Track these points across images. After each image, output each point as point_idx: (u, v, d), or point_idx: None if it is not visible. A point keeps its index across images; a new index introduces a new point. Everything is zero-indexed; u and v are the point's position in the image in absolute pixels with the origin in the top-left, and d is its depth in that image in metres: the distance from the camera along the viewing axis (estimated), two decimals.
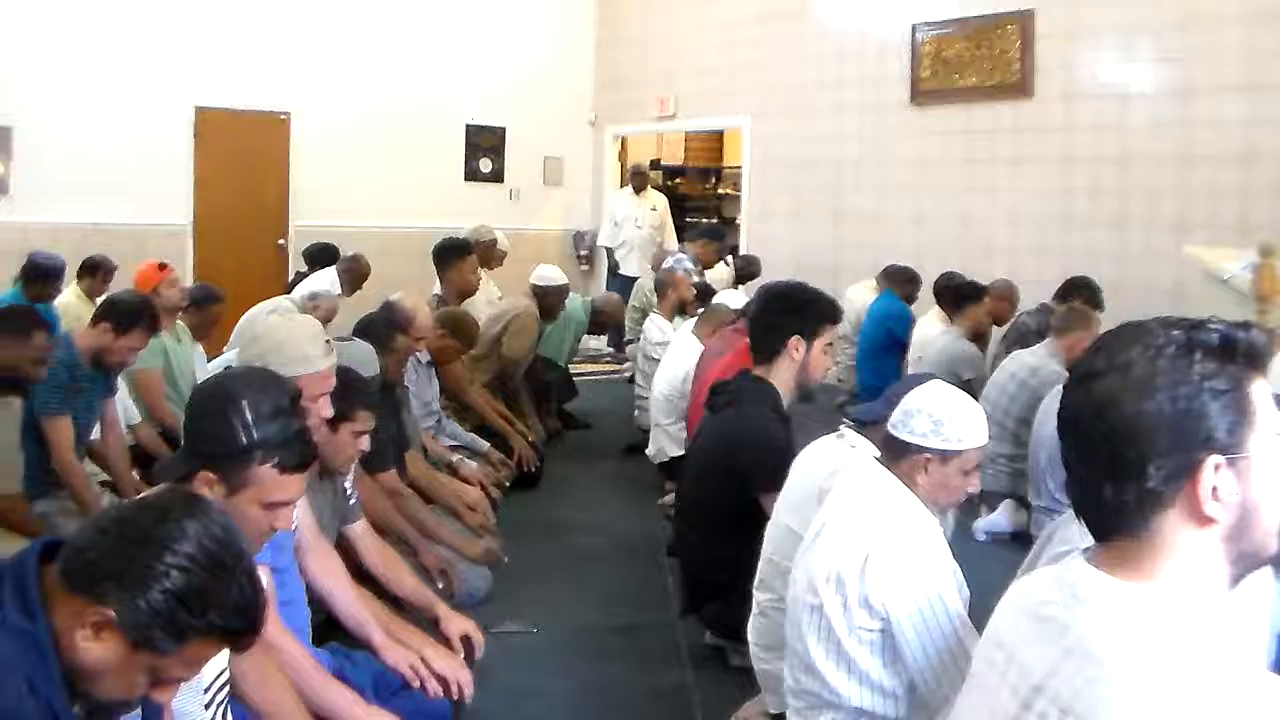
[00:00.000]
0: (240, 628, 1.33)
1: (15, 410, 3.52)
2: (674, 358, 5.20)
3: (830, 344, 3.34)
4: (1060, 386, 4.70)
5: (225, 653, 1.52)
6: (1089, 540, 1.54)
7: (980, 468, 2.27)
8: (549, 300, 6.05)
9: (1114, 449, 1.11)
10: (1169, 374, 1.09)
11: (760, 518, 2.88)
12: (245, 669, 1.82)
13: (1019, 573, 1.79)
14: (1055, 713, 1.07)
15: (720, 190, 12.68)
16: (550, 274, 6.14)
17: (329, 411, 2.57)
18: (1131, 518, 1.11)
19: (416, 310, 4.20)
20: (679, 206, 11.48)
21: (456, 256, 5.82)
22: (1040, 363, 4.74)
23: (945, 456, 2.16)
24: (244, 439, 1.80)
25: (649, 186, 9.97)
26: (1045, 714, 1.08)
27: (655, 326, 6.11)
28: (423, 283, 6.07)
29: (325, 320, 5.14)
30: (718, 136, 12.62)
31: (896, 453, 2.21)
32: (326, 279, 6.79)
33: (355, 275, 6.87)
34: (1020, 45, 7.45)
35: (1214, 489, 1.08)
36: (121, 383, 4.26)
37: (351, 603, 2.54)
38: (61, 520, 3.73)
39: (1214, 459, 1.08)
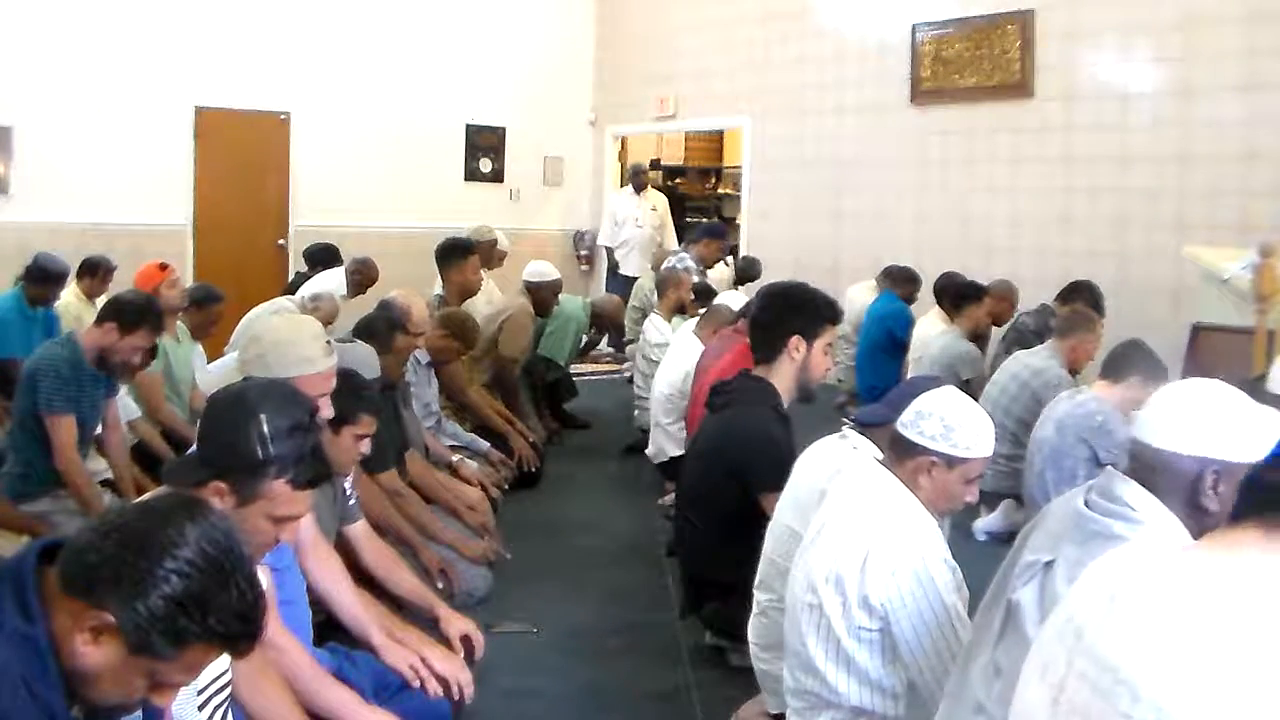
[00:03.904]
0: (239, 633, 1.32)
1: None
2: (674, 358, 5.20)
3: (830, 344, 3.34)
4: (1065, 390, 4.70)
5: (226, 655, 1.52)
6: (1056, 549, 1.52)
7: (980, 476, 2.28)
8: (542, 295, 6.08)
9: None
10: None
11: (760, 518, 2.88)
12: (239, 675, 1.82)
13: (997, 576, 1.79)
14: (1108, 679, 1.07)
15: (720, 190, 12.68)
16: (542, 269, 6.17)
17: (330, 413, 2.57)
18: None
19: (411, 305, 4.20)
20: (679, 206, 11.48)
21: (459, 257, 5.82)
22: (1044, 365, 4.74)
23: (951, 462, 2.17)
24: (260, 453, 1.81)
25: (649, 186, 9.97)
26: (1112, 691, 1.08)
27: (654, 327, 6.11)
28: (423, 283, 6.06)
29: (325, 322, 5.14)
30: (718, 136, 12.62)
31: (903, 452, 2.21)
32: (334, 280, 6.79)
33: (363, 279, 6.88)
34: (1020, 45, 7.44)
35: None
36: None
37: (351, 603, 2.54)
38: (62, 519, 3.74)
39: None
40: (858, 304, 7.08)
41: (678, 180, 12.68)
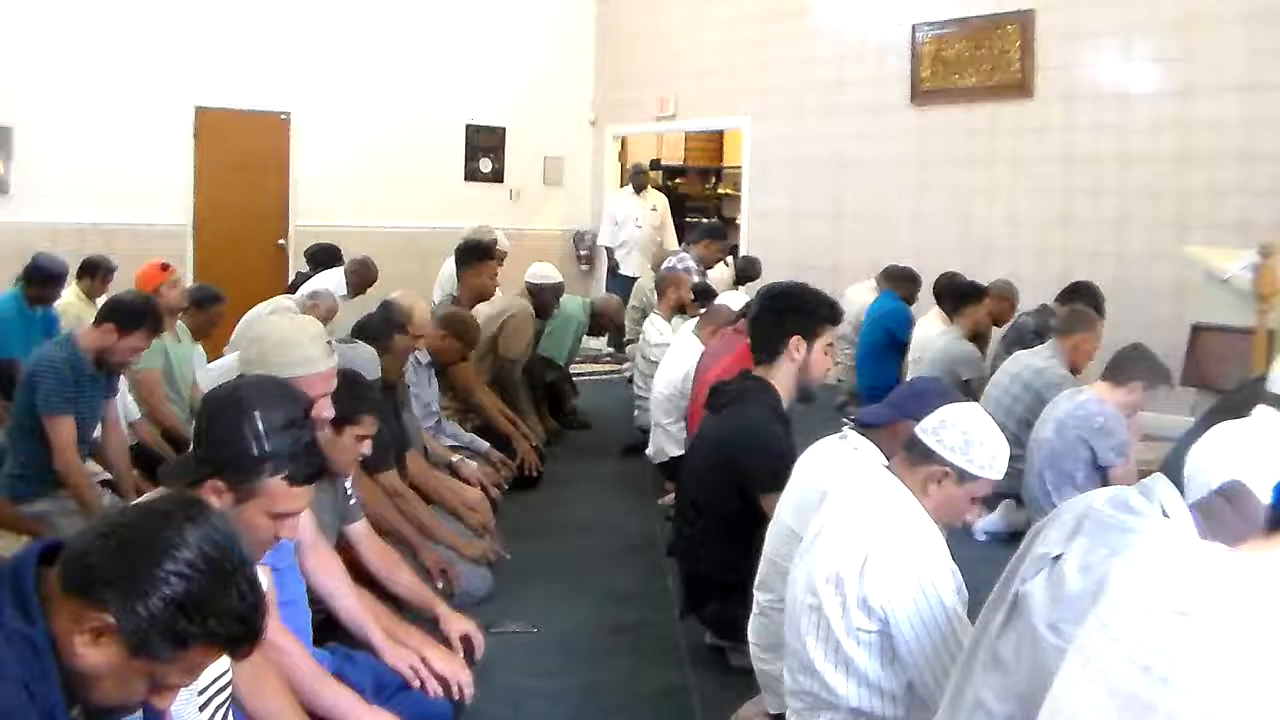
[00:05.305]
0: (240, 635, 1.32)
1: None
2: (674, 358, 5.20)
3: (830, 344, 3.34)
4: (1065, 390, 4.70)
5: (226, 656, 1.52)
6: (1068, 543, 1.52)
7: (984, 497, 2.28)
8: (544, 297, 6.07)
9: None
10: None
11: (760, 518, 2.88)
12: (239, 675, 1.81)
13: (1005, 573, 1.79)
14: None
15: (720, 190, 12.68)
16: (545, 271, 6.16)
17: (330, 412, 2.57)
18: None
19: (413, 307, 4.20)
20: (679, 206, 11.47)
21: (477, 259, 5.80)
22: (1045, 364, 4.74)
23: (963, 476, 2.17)
24: (255, 450, 1.80)
25: (649, 186, 9.97)
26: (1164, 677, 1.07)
27: (654, 328, 6.11)
28: (422, 283, 6.07)
29: (324, 320, 5.14)
30: (718, 136, 12.61)
31: (918, 457, 2.21)
32: (333, 279, 6.79)
33: (362, 279, 6.88)
34: (1020, 45, 7.44)
35: None
36: (121, 380, 4.26)
37: (352, 603, 2.54)
38: (62, 520, 3.74)
39: None
40: (858, 304, 7.08)
41: (678, 180, 12.68)
